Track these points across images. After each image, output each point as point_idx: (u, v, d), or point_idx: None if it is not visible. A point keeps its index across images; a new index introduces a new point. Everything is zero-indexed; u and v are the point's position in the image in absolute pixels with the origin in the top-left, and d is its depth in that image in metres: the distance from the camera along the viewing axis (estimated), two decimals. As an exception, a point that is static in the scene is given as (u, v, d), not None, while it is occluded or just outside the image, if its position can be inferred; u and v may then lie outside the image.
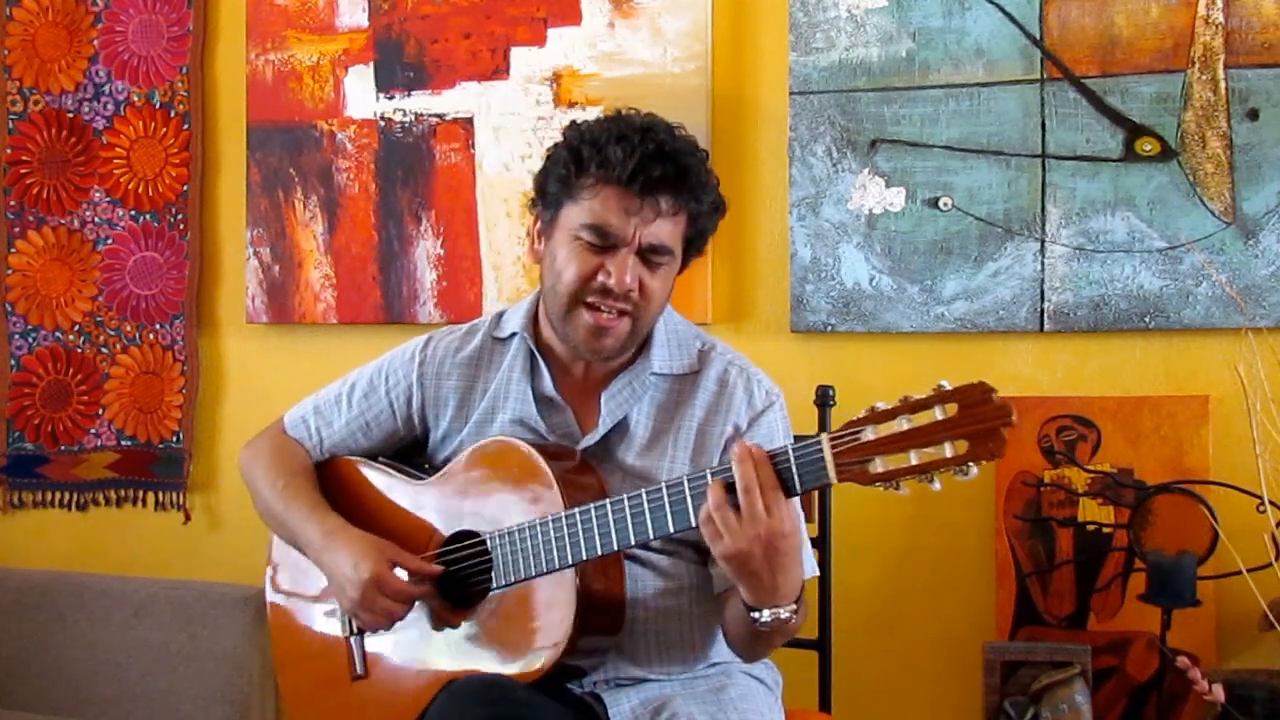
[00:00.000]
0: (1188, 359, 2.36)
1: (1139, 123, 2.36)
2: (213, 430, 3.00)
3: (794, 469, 1.58)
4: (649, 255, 1.79)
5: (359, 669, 1.90)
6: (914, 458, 1.51)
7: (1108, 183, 2.38)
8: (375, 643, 1.89)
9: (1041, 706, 2.22)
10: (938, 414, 1.50)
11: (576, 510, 1.71)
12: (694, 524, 1.64)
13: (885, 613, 2.52)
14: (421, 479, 1.93)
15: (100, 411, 3.04)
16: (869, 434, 1.53)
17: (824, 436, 1.56)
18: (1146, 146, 2.36)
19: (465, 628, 1.82)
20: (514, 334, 1.94)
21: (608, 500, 1.70)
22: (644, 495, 1.67)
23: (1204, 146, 2.33)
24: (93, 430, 3.05)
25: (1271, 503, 2.11)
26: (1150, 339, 2.38)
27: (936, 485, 1.51)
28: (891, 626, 2.52)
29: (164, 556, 3.01)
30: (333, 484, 2.01)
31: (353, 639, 1.90)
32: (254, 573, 2.91)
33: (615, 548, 1.70)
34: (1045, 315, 2.40)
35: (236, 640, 2.81)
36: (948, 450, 1.49)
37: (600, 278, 1.78)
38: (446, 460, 1.94)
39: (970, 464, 1.49)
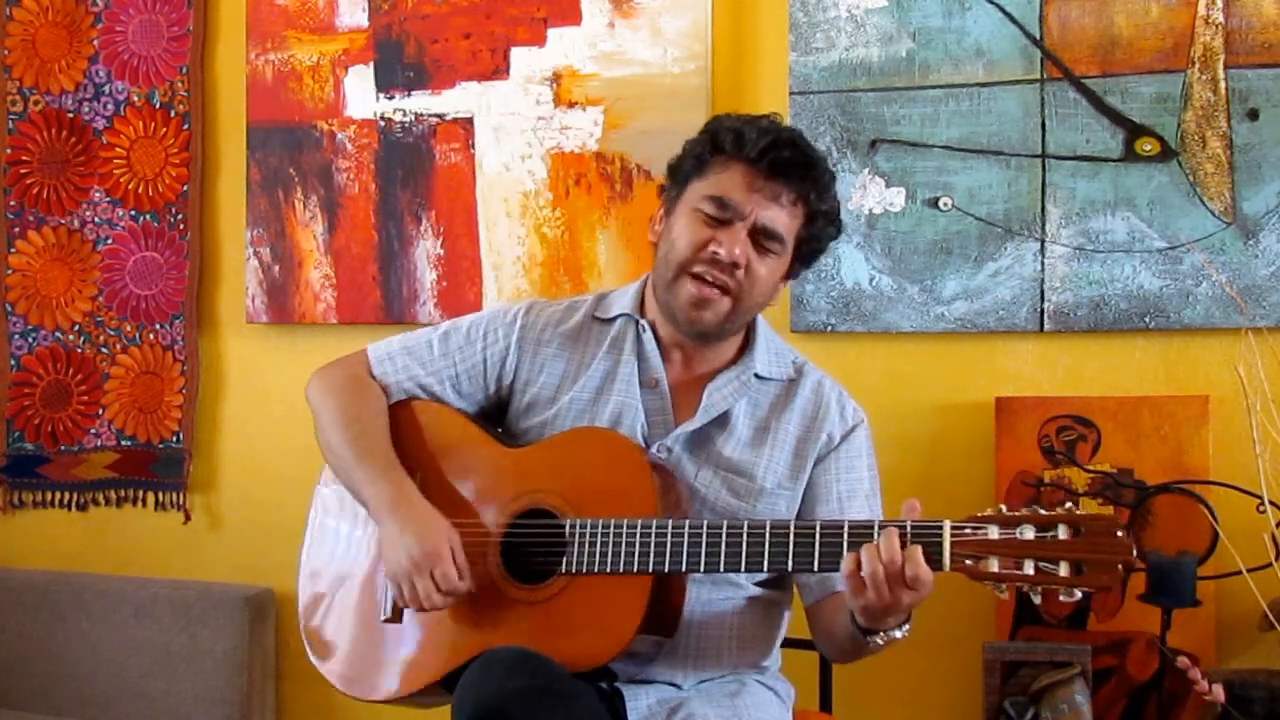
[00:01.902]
0: (1188, 359, 2.36)
1: (1139, 123, 2.36)
2: (213, 430, 3.00)
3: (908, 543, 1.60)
4: (760, 238, 1.83)
5: (386, 611, 1.86)
6: (1029, 567, 1.56)
7: (1108, 183, 2.38)
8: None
9: (1041, 706, 2.22)
10: (1061, 533, 1.55)
11: (675, 523, 1.72)
12: (815, 569, 1.67)
13: (885, 613, 2.51)
14: (508, 443, 1.92)
15: (100, 411, 3.04)
16: (992, 533, 1.58)
17: (946, 523, 1.60)
18: (1146, 146, 2.36)
19: (521, 602, 1.80)
20: (619, 316, 1.95)
21: (724, 522, 1.71)
22: (766, 530, 1.69)
23: (1204, 146, 2.33)
24: (93, 430, 3.05)
25: (1271, 503, 2.11)
26: (1150, 339, 2.38)
27: (1038, 599, 1.58)
28: (891, 626, 2.51)
29: (164, 556, 3.01)
30: (414, 426, 1.97)
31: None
32: (254, 572, 2.92)
33: (720, 569, 1.71)
34: (1045, 315, 2.40)
35: (236, 640, 2.81)
36: (1063, 569, 1.55)
37: (711, 248, 1.82)
38: (526, 431, 1.93)
39: (1077, 589, 1.54)
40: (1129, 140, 2.37)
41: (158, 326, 3.01)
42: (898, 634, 1.68)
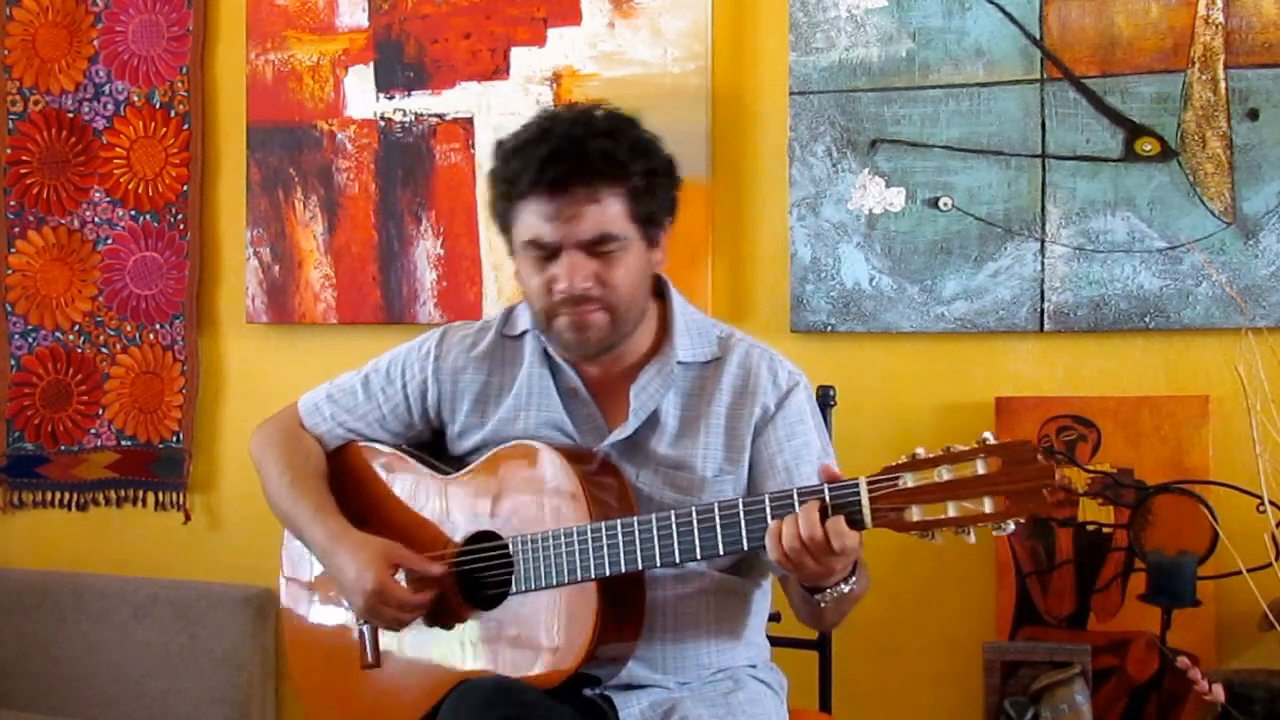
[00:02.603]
0: (1188, 359, 2.36)
1: (1139, 123, 2.36)
2: (213, 430, 3.00)
3: (829, 512, 1.57)
4: (595, 247, 1.76)
5: (369, 658, 1.89)
6: (952, 509, 1.50)
7: (1108, 183, 2.38)
8: (391, 635, 1.89)
9: (1041, 706, 2.22)
10: (979, 467, 1.49)
11: (606, 524, 1.70)
12: (745, 548, 1.64)
13: (885, 613, 2.51)
14: (446, 474, 1.92)
15: (100, 411, 3.04)
16: (908, 481, 1.52)
17: (862, 480, 1.56)
18: (1146, 146, 2.36)
19: (483, 628, 1.81)
20: (525, 332, 1.93)
21: (652, 516, 1.68)
22: (694, 514, 1.66)
23: (1204, 146, 2.33)
24: (93, 430, 3.05)
25: (1271, 503, 2.11)
26: (1150, 339, 2.38)
27: (972, 538, 1.50)
28: (891, 626, 2.51)
29: (164, 556, 3.01)
30: (354, 470, 2.00)
31: (365, 628, 1.89)
32: (254, 573, 2.92)
33: (657, 564, 1.69)
34: (1045, 315, 2.40)
35: (236, 640, 2.81)
36: (987, 506, 1.48)
37: (554, 287, 1.77)
38: (465, 456, 1.93)
39: (1008, 521, 1.48)
40: (1129, 140, 2.37)
41: (158, 326, 3.01)
42: (845, 588, 1.65)
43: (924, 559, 2.49)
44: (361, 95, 2.84)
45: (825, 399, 2.24)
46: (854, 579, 1.66)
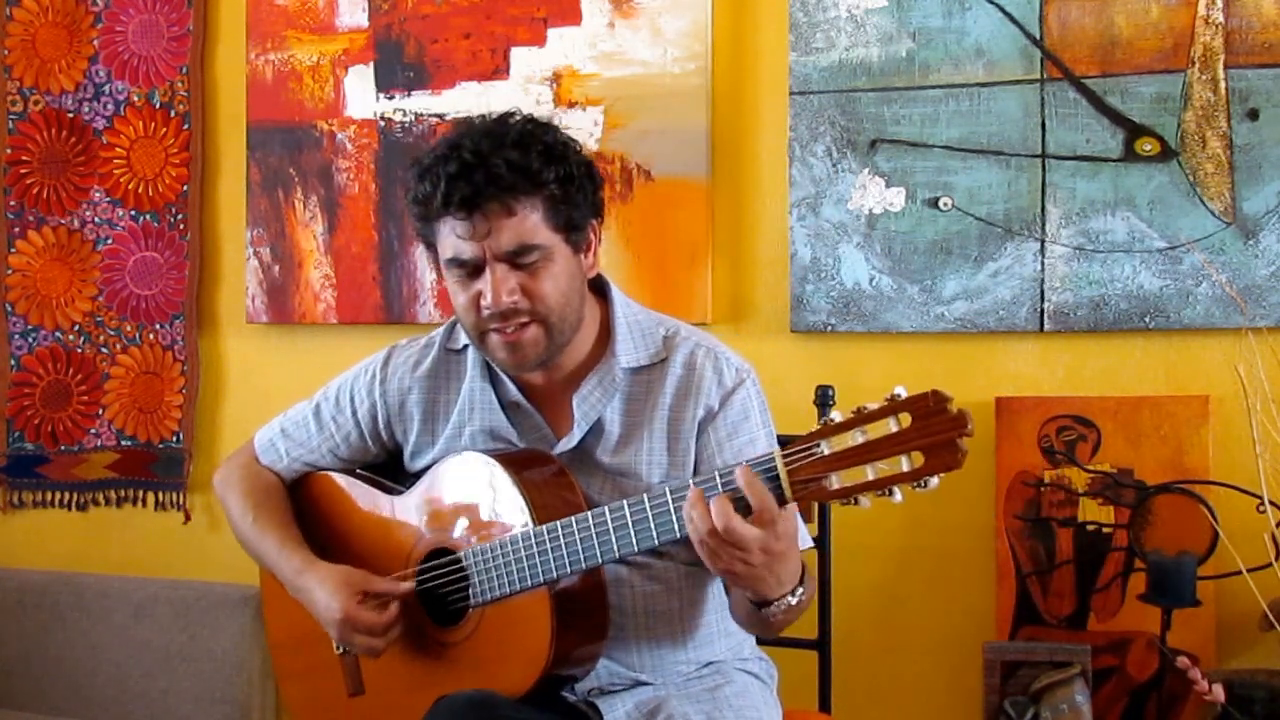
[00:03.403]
0: (1188, 359, 2.36)
1: (1139, 123, 2.36)
2: (213, 430, 3.00)
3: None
4: (517, 259, 1.73)
5: (353, 686, 1.90)
6: (870, 473, 1.47)
7: (1108, 183, 2.38)
8: (371, 660, 1.89)
9: (1041, 706, 2.22)
10: (891, 425, 1.46)
11: (548, 526, 1.70)
12: (679, 536, 1.63)
13: (885, 613, 2.52)
14: (400, 492, 1.93)
15: (100, 411, 3.04)
16: (823, 449, 1.50)
17: (776, 453, 1.53)
18: (1146, 146, 2.36)
19: (452, 644, 1.82)
20: (468, 345, 1.91)
21: (589, 514, 1.68)
22: (626, 507, 1.65)
23: (1204, 146, 2.33)
24: (93, 430, 3.05)
25: (1271, 503, 2.11)
26: (1150, 339, 2.38)
27: (897, 497, 1.48)
28: (891, 626, 2.52)
29: (164, 556, 3.01)
30: (312, 499, 2.02)
31: (346, 657, 1.90)
32: (254, 573, 2.89)
33: (599, 561, 1.69)
34: (1045, 315, 2.40)
35: (236, 640, 2.81)
36: (904, 464, 1.46)
37: (481, 304, 1.75)
38: (420, 474, 1.93)
39: (928, 478, 1.45)
40: (1129, 140, 2.37)
41: (158, 326, 3.01)
42: (792, 600, 1.63)
43: (924, 559, 2.50)
44: (361, 95, 2.84)
45: (825, 399, 2.24)
46: (801, 589, 1.64)
